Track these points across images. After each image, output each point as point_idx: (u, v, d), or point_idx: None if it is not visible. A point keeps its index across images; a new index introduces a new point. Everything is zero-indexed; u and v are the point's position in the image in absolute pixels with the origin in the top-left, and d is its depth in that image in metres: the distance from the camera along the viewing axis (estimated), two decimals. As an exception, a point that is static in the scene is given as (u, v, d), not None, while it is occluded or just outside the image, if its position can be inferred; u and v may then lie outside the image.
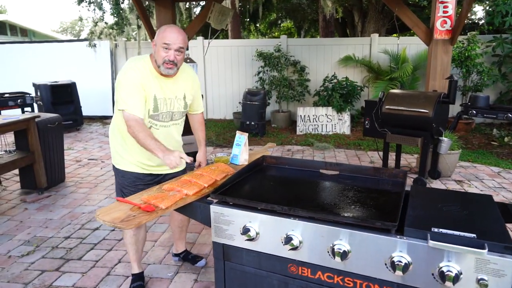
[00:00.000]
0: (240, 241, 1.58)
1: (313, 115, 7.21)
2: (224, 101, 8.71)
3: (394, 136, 4.34)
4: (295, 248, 1.45)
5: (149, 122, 2.08)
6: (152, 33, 5.05)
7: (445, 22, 4.58)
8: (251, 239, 1.53)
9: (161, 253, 3.00)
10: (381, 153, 4.72)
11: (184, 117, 2.31)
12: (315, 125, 7.22)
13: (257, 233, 1.53)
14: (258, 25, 18.19)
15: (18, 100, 6.48)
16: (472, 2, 4.26)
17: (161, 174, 2.26)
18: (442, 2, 4.55)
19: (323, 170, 1.99)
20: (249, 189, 1.81)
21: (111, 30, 7.92)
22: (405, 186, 1.73)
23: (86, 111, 8.59)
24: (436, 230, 1.29)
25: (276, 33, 18.88)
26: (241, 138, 2.20)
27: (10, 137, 5.64)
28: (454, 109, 7.01)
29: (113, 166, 2.33)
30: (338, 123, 7.15)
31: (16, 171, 4.53)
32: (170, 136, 2.21)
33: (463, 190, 4.27)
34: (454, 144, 4.55)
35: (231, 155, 2.23)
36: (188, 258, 2.80)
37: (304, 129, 7.24)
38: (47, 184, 4.31)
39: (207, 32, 7.60)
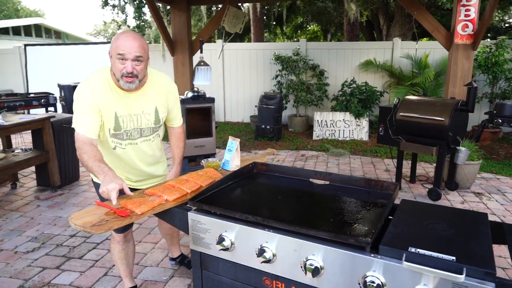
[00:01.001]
0: (216, 251, 1.54)
1: (331, 120, 7.08)
2: (242, 105, 8.71)
3: (408, 144, 4.17)
4: (268, 261, 1.39)
5: (112, 141, 1.91)
6: (166, 37, 5.11)
7: (467, 26, 4.38)
8: (226, 249, 1.48)
9: (159, 256, 3.00)
10: (396, 160, 4.55)
11: (159, 132, 2.09)
12: (332, 130, 7.08)
13: (232, 243, 1.48)
14: (284, 28, 18.14)
15: (41, 100, 6.73)
16: (495, 5, 4.04)
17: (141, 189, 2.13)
18: (464, 5, 4.35)
19: (313, 179, 1.92)
20: (232, 196, 1.76)
21: (133, 33, 8.09)
22: (394, 199, 1.63)
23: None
24: (413, 250, 1.20)
25: (302, 37, 18.76)
26: (233, 143, 2.16)
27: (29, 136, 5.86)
28: (480, 117, 6.69)
29: (92, 180, 2.14)
30: (356, 129, 6.98)
31: (34, 169, 4.68)
32: (141, 153, 2.01)
33: (479, 205, 4.04)
34: (473, 154, 4.32)
35: (223, 160, 2.19)
36: (184, 262, 2.79)
37: (321, 134, 7.11)
38: (60, 182, 4.43)
39: (229, 35, 7.63)
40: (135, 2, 7.33)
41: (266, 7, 12.82)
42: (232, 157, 2.15)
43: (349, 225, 1.43)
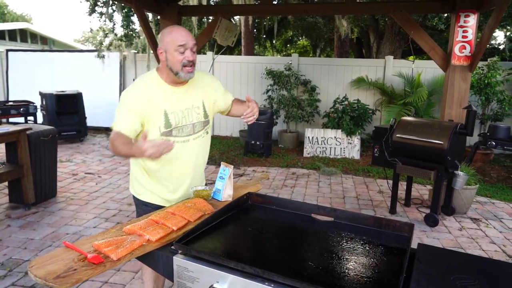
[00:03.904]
0: (205, 304, 1.30)
1: (322, 137, 6.93)
2: (232, 118, 8.49)
3: (405, 167, 4.02)
4: (267, 322, 1.16)
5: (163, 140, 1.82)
6: (155, 47, 4.89)
7: (464, 48, 4.30)
8: (217, 304, 1.25)
9: (139, 288, 2.73)
10: (391, 182, 4.39)
11: (208, 129, 2.04)
12: (323, 147, 6.92)
13: (225, 297, 1.25)
14: (274, 42, 18.15)
15: (21, 109, 6.40)
16: (494, 28, 3.97)
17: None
18: (461, 26, 4.27)
19: (315, 214, 1.71)
20: (225, 237, 1.54)
21: (120, 42, 7.85)
22: (411, 243, 1.43)
23: (92, 122, 8.50)
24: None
25: (292, 50, 18.80)
26: (226, 170, 1.94)
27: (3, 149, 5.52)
28: (471, 139, 6.63)
29: (133, 196, 2.06)
30: (348, 147, 6.84)
31: (6, 184, 4.35)
32: (191, 151, 1.94)
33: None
34: (470, 178, 4.19)
35: (214, 189, 1.96)
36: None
37: (312, 152, 6.95)
38: (35, 199, 4.11)
39: (220, 47, 7.46)
40: (123, 11, 7.11)
41: (256, 21, 12.78)
42: (224, 186, 1.93)
43: (362, 278, 1.22)
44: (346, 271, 1.27)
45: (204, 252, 1.31)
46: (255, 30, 13.52)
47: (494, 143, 5.37)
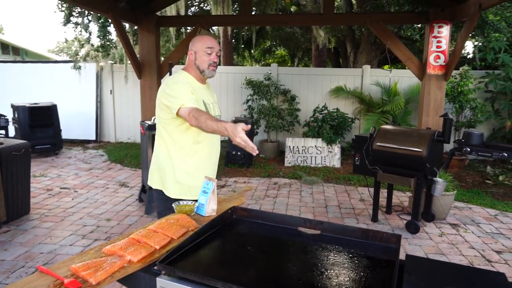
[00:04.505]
0: (191, 327, 1.24)
1: (302, 146, 6.95)
2: (212, 128, 8.43)
3: (386, 175, 4.07)
4: None
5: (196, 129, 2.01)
6: (133, 59, 4.81)
7: (439, 57, 4.42)
8: (204, 327, 1.19)
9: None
10: (372, 189, 4.43)
11: None
12: (304, 156, 6.95)
13: (212, 319, 1.20)
14: (252, 51, 18.26)
15: (-9, 122, 6.14)
16: (466, 38, 4.11)
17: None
18: (435, 37, 4.40)
19: (302, 228, 1.69)
20: (210, 254, 1.49)
21: (96, 52, 7.68)
22: (399, 255, 1.42)
23: (67, 134, 8.26)
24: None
25: (270, 60, 18.94)
26: (209, 184, 1.89)
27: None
28: (447, 145, 6.80)
29: (162, 192, 2.16)
30: (328, 155, 6.89)
31: (-25, 202, 4.13)
32: (216, 143, 2.23)
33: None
34: (449, 184, 4.28)
35: (197, 204, 1.91)
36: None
37: (293, 161, 6.96)
38: (6, 217, 3.91)
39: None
40: (99, 21, 6.98)
41: (235, 31, 12.83)
42: (208, 200, 1.88)
43: (353, 294, 1.20)
44: (336, 286, 1.25)
45: (189, 272, 1.25)
46: (233, 40, 13.57)
47: (469, 149, 5.50)
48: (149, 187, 2.63)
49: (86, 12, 7.12)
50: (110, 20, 6.01)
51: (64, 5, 7.36)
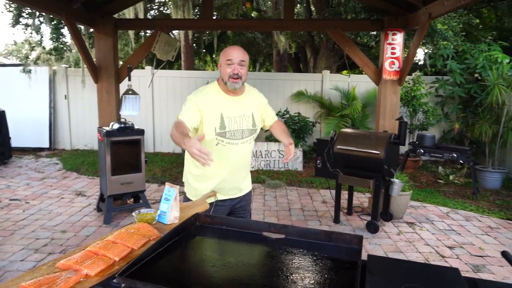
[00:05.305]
0: None
1: (265, 151, 7.00)
2: (173, 134, 8.28)
3: (346, 177, 4.18)
4: None
5: (216, 139, 2.18)
6: (89, 62, 4.62)
7: (393, 63, 4.62)
8: None
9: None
10: (333, 191, 4.53)
11: (255, 136, 2.35)
12: (267, 161, 6.99)
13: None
14: (214, 56, 18.19)
15: None
16: (418, 45, 4.33)
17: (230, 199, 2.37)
18: (390, 44, 4.60)
19: (266, 232, 1.68)
20: (173, 264, 1.44)
21: (49, 56, 7.30)
22: (361, 256, 1.45)
23: (17, 142, 7.77)
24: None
25: (232, 65, 18.94)
26: (171, 191, 1.84)
27: None
28: (403, 147, 7.13)
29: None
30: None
31: None
32: (238, 152, 2.27)
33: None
34: (405, 185, 4.47)
35: (158, 212, 1.85)
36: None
37: (256, 165, 6.98)
38: None
39: (159, 62, 7.27)
40: (52, 23, 6.64)
41: (196, 35, 12.73)
42: (170, 208, 1.83)
43: (318, 297, 1.21)
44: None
45: (151, 284, 1.21)
46: (194, 45, 13.45)
47: (422, 151, 5.82)
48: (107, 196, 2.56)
49: (38, 13, 6.76)
50: (63, 22, 5.75)
51: (13, 5, 6.95)
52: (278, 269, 1.40)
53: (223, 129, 2.19)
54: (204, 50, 16.11)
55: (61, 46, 6.86)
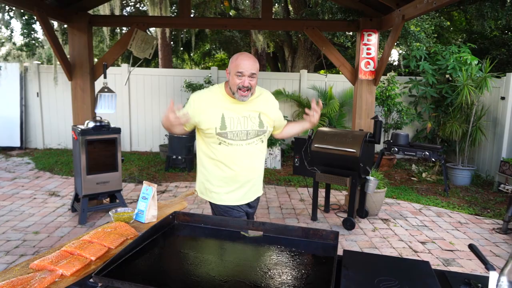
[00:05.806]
0: None
1: (244, 149, 7.00)
2: (150, 133, 8.18)
3: (324, 175, 4.25)
4: None
5: (218, 139, 2.16)
6: (62, 59, 4.50)
7: (369, 63, 4.73)
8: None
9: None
10: (311, 189, 4.60)
11: (263, 138, 2.27)
12: (245, 159, 7.00)
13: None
14: (192, 54, 18.03)
15: None
16: (392, 46, 4.45)
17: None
18: (365, 44, 4.71)
19: (244, 230, 1.70)
20: (151, 263, 1.44)
21: (20, 52, 7.05)
22: (337, 252, 1.49)
23: (-15, 141, 7.47)
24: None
25: (210, 64, 18.86)
26: (149, 190, 1.83)
27: None
28: (378, 146, 7.30)
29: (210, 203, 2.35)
30: (269, 157, 7.02)
31: None
32: (242, 153, 2.20)
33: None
34: (380, 182, 4.59)
35: (136, 210, 1.84)
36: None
37: (235, 164, 6.98)
38: None
39: (136, 60, 7.16)
40: (23, 18, 6.42)
41: (173, 33, 12.59)
42: (148, 206, 1.82)
43: (296, 291, 1.23)
44: (279, 286, 1.27)
45: (128, 283, 1.20)
46: (172, 43, 13.29)
47: (396, 149, 5.99)
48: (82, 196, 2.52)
49: (7, 7, 6.52)
50: (35, 17, 5.57)
51: (-20, -2, 6.67)
52: (256, 265, 1.42)
53: (223, 129, 2.15)
54: (181, 48, 15.96)
55: (33, 42, 6.65)
